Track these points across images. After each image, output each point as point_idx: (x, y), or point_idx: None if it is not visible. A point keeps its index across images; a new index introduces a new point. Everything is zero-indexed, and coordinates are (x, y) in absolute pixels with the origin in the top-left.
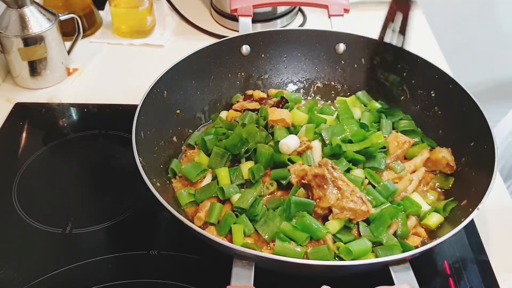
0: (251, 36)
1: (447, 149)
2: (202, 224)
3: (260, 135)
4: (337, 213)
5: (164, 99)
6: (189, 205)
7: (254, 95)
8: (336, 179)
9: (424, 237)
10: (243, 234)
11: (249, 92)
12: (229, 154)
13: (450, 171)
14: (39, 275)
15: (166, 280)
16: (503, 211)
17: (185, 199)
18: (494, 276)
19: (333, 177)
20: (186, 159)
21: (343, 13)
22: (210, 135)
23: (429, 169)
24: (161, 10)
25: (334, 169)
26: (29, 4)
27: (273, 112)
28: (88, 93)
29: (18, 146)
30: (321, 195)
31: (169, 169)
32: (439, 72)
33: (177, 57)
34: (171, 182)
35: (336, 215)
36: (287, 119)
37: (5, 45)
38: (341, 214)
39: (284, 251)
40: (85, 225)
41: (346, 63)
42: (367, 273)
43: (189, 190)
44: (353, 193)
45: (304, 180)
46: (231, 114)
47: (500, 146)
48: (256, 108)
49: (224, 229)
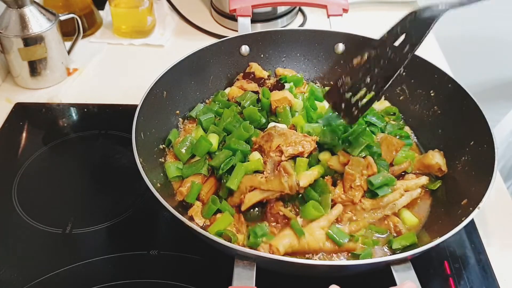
0: (250, 36)
1: (439, 153)
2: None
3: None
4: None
5: (164, 99)
6: (176, 179)
7: (256, 73)
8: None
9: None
10: (226, 222)
11: (251, 68)
12: (225, 135)
13: (440, 175)
14: (39, 275)
15: (166, 280)
16: (503, 211)
17: (172, 173)
18: (494, 276)
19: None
20: (184, 132)
21: (342, 13)
22: (208, 114)
23: (421, 172)
24: (161, 10)
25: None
26: (29, 4)
27: (274, 92)
28: (88, 93)
29: (18, 146)
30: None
31: (166, 139)
32: (439, 71)
33: (177, 57)
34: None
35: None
36: (289, 97)
37: (5, 45)
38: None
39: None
40: (85, 225)
41: (345, 63)
42: (370, 273)
43: (177, 164)
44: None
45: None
46: (233, 92)
47: (500, 146)
48: (254, 91)
49: (208, 213)
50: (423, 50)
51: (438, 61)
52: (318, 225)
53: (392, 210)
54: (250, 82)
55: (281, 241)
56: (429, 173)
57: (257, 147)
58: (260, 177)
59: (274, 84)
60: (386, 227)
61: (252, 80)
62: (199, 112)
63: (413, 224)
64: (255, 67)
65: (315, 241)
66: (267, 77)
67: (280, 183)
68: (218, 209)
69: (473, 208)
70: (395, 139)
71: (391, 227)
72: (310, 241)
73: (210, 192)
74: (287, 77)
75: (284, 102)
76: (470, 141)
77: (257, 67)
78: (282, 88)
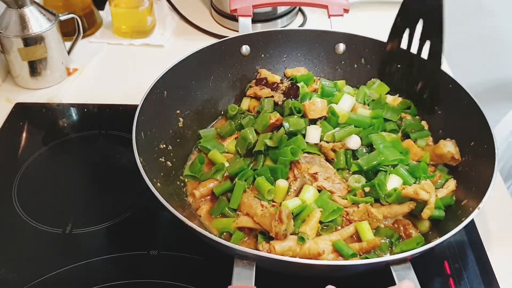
0: (251, 36)
1: (451, 142)
2: (196, 200)
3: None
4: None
5: (164, 99)
6: (190, 178)
7: (268, 79)
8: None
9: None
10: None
11: (261, 74)
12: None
13: (455, 163)
14: (39, 275)
15: (166, 280)
16: (503, 211)
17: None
18: (494, 276)
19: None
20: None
21: (342, 13)
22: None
23: (434, 162)
24: (161, 10)
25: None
26: (29, 4)
27: (313, 107)
28: (88, 93)
29: (18, 146)
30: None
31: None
32: (439, 71)
33: (177, 57)
34: (172, 181)
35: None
36: (325, 111)
37: (5, 45)
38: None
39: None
40: (85, 225)
41: (346, 63)
42: (369, 273)
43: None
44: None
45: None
46: (252, 104)
47: (500, 146)
48: (268, 96)
49: (216, 212)
50: (423, 50)
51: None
52: (329, 238)
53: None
54: (263, 88)
55: (282, 242)
56: (444, 164)
57: (295, 163)
58: (260, 209)
59: (289, 87)
60: (394, 229)
61: (265, 86)
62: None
63: (425, 229)
64: (265, 73)
65: (316, 249)
66: (279, 81)
67: (269, 225)
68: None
69: (473, 208)
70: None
71: (401, 229)
72: (312, 248)
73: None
74: (297, 77)
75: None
76: (470, 141)
77: (267, 72)
78: (297, 90)
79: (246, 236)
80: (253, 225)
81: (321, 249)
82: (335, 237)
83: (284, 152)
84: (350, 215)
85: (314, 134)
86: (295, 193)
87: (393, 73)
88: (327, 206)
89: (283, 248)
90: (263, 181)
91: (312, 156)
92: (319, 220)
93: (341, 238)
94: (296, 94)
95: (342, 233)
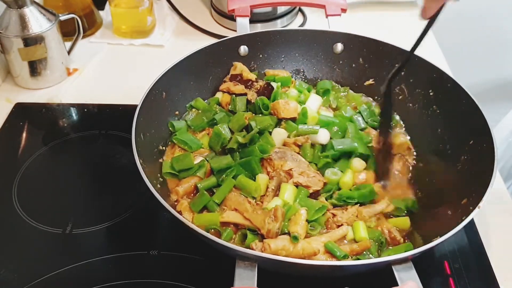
0: (249, 36)
1: (402, 133)
2: (176, 199)
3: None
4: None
5: (163, 100)
6: (170, 176)
7: (243, 75)
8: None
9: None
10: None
11: (234, 70)
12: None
13: (410, 155)
14: (39, 275)
15: (166, 281)
16: (503, 211)
17: (166, 168)
18: (494, 276)
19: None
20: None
21: (340, 12)
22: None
23: (396, 152)
24: (161, 10)
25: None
26: (29, 4)
27: (287, 106)
28: (88, 93)
29: (18, 146)
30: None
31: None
32: (438, 71)
33: (177, 57)
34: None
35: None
36: (296, 113)
37: (5, 45)
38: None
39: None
40: (85, 225)
41: (344, 62)
42: (371, 273)
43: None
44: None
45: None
46: (225, 99)
47: (500, 146)
48: (242, 93)
49: (197, 206)
50: (422, 50)
51: (438, 60)
52: (320, 239)
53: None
54: (237, 84)
55: (276, 241)
56: (402, 154)
57: (267, 160)
58: (249, 204)
59: (263, 86)
60: (380, 231)
61: (239, 82)
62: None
63: (406, 227)
64: (240, 67)
65: (311, 248)
66: (254, 79)
67: (262, 221)
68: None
69: (473, 208)
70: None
71: (385, 233)
72: (306, 247)
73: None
74: (276, 78)
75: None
76: (470, 141)
77: (243, 67)
78: (271, 90)
79: (233, 233)
80: (242, 221)
81: (316, 249)
82: (326, 239)
83: (252, 150)
84: (338, 216)
85: (282, 136)
86: (273, 192)
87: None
88: (311, 205)
89: (277, 246)
90: (246, 180)
91: (284, 150)
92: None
93: (332, 240)
94: (269, 94)
95: (332, 235)
